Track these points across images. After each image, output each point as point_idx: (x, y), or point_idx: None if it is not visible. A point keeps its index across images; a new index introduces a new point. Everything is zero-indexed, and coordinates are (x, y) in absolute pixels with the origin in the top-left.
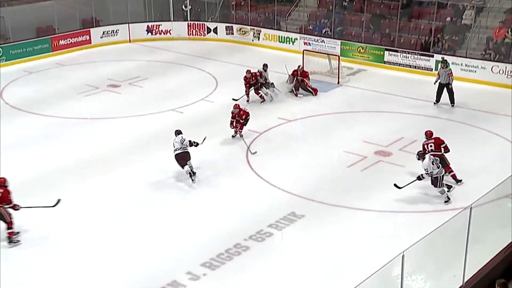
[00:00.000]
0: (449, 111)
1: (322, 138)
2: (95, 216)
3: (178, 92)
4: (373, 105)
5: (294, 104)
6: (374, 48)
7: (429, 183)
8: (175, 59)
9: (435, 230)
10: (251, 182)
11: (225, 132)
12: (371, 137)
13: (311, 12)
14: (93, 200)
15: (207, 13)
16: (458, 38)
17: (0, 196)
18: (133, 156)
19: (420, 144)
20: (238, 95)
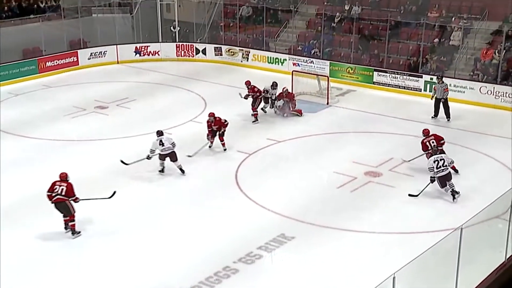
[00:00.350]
0: (437, 130)
1: (311, 159)
2: (81, 239)
3: (166, 113)
4: (363, 125)
5: (284, 124)
6: (363, 69)
7: (421, 207)
8: (164, 80)
9: (426, 251)
10: (240, 203)
11: (212, 153)
12: (360, 157)
13: (300, 33)
14: (81, 223)
15: (195, 34)
16: (446, 59)
17: (65, 190)
18: (121, 178)
19: (410, 164)
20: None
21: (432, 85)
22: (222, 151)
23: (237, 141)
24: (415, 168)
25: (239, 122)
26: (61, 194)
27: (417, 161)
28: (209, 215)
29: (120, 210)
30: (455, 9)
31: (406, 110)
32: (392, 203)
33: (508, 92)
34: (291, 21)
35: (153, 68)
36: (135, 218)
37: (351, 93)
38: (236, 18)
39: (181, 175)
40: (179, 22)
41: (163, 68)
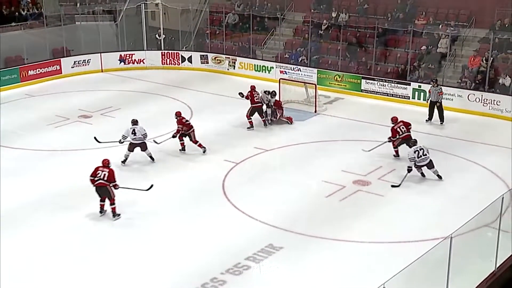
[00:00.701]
0: (426, 138)
1: (300, 168)
2: (67, 250)
3: (152, 122)
4: (351, 133)
5: (271, 133)
6: (351, 77)
7: (410, 216)
8: (149, 89)
9: (416, 260)
10: (227, 214)
11: (199, 162)
12: (349, 166)
13: (287, 40)
14: (66, 234)
15: (181, 42)
16: (434, 67)
17: (107, 175)
18: None
19: (399, 172)
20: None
21: (420, 92)
22: (208, 159)
23: (224, 149)
24: (403, 175)
25: (226, 131)
26: (103, 179)
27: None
28: (196, 225)
29: (104, 222)
30: (442, 16)
31: None
32: (381, 212)
33: (496, 99)
34: (278, 28)
35: (138, 76)
36: (119, 229)
37: (339, 101)
38: (222, 25)
39: (151, 162)
40: (164, 29)
41: (148, 77)
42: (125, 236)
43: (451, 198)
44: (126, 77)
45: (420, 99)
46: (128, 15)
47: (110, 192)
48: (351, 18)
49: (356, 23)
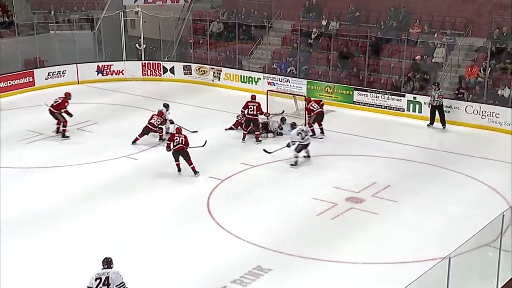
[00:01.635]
0: (422, 153)
1: (289, 185)
2: (45, 270)
3: (132, 137)
4: (343, 148)
5: (259, 148)
6: (342, 88)
7: (406, 235)
8: (129, 102)
9: (412, 283)
10: (212, 234)
11: (182, 180)
12: (341, 182)
13: (275, 50)
14: (39, 256)
15: (163, 52)
16: (429, 77)
17: (184, 140)
18: (82, 208)
19: (394, 188)
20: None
21: (416, 104)
22: (192, 176)
23: (209, 166)
24: (400, 193)
25: (211, 146)
26: (181, 143)
27: (402, 186)
28: (179, 246)
29: (79, 242)
30: (437, 24)
31: (388, 131)
32: (375, 231)
33: (495, 111)
34: (265, 37)
35: (117, 88)
36: (97, 250)
37: (330, 114)
38: (206, 34)
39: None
40: (145, 39)
41: (127, 89)
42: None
43: (449, 216)
44: (104, 89)
45: (415, 111)
46: (106, 23)
47: (188, 153)
48: (342, 26)
49: (348, 31)
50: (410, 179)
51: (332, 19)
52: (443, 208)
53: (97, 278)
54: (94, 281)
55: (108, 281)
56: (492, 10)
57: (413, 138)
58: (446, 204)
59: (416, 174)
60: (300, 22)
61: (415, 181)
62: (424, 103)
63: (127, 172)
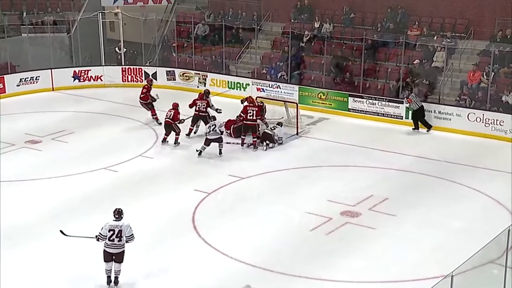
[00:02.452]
0: (422, 163)
1: (280, 198)
2: None
3: (111, 147)
4: (338, 158)
5: (248, 159)
6: (336, 94)
7: (405, 251)
8: (108, 110)
9: None
10: (198, 251)
11: (165, 192)
12: (336, 195)
13: (264, 54)
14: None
15: (144, 56)
16: (429, 83)
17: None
18: (58, 224)
19: (392, 202)
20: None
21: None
22: (175, 189)
23: (194, 178)
24: (398, 206)
25: (196, 156)
26: (169, 118)
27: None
28: (162, 264)
29: (53, 260)
30: (437, 26)
31: (386, 140)
32: (373, 247)
33: (499, 119)
34: (254, 40)
35: (95, 95)
36: (76, 267)
37: (323, 122)
38: (191, 37)
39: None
40: (125, 42)
41: (106, 96)
42: (80, 278)
43: (451, 231)
44: (81, 96)
45: (408, 104)
46: (83, 26)
47: (175, 128)
48: (336, 28)
49: (342, 34)
50: (409, 192)
51: (325, 21)
52: (444, 222)
53: (111, 230)
54: (107, 232)
55: (120, 234)
56: (495, 11)
57: (412, 148)
58: (447, 218)
59: (415, 186)
60: (291, 24)
61: (415, 193)
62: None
63: (107, 185)
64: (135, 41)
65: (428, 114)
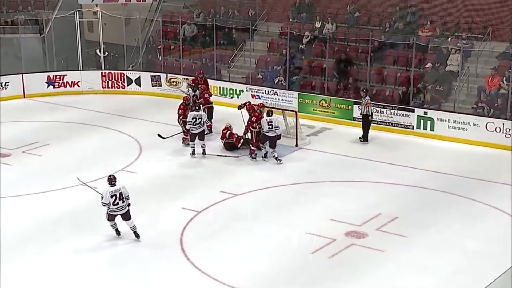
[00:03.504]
0: (435, 178)
1: (277, 217)
2: None
3: (90, 161)
4: (342, 173)
5: (241, 173)
6: (340, 102)
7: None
8: (86, 119)
9: None
10: (187, 276)
11: (150, 211)
12: (340, 214)
13: (260, 57)
14: None
15: (126, 59)
16: (443, 89)
17: None
18: (30, 248)
19: (402, 221)
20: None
21: (427, 120)
22: (161, 207)
23: (182, 194)
24: (409, 226)
25: (184, 171)
26: None
27: (411, 218)
28: None
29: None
30: (451, 27)
31: (395, 153)
32: (381, 271)
33: None
34: (248, 42)
35: (72, 103)
36: None
37: (325, 132)
38: (178, 38)
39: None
40: (105, 44)
41: (84, 103)
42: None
43: (467, 254)
44: (55, 104)
45: (427, 129)
46: (58, 25)
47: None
48: (339, 29)
49: (346, 35)
50: (422, 210)
51: (327, 20)
52: (461, 244)
53: (112, 195)
54: (110, 198)
55: (122, 195)
56: None
57: (424, 161)
58: (464, 239)
59: (428, 203)
60: (289, 24)
61: (427, 212)
62: (437, 119)
63: (85, 204)
64: (116, 43)
65: (442, 124)
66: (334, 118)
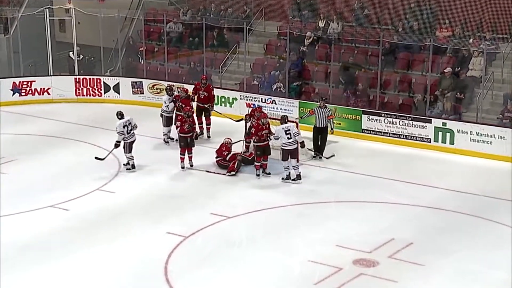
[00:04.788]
0: (456, 198)
1: (276, 243)
2: None
3: (62, 179)
4: (349, 192)
5: (235, 191)
6: (347, 111)
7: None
8: (57, 131)
9: None
10: None
11: (133, 237)
12: (347, 239)
13: (256, 60)
14: None
15: (104, 63)
16: (464, 96)
17: None
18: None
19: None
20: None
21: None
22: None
23: (167, 217)
24: (426, 253)
25: (169, 190)
26: None
27: (429, 244)
28: None
29: None
30: (473, 26)
31: (410, 170)
32: None
33: None
34: (242, 44)
35: (41, 113)
36: None
37: (330, 146)
38: (163, 40)
39: None
40: (79, 46)
41: (56, 114)
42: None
43: (492, 284)
44: (22, 114)
45: (446, 142)
46: (25, 24)
47: None
48: (345, 28)
49: (353, 35)
50: (440, 234)
51: (332, 19)
52: (484, 273)
53: (125, 125)
54: (123, 128)
55: (131, 123)
56: None
57: (443, 178)
58: (488, 268)
59: (448, 227)
60: (289, 23)
61: (447, 236)
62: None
63: (56, 227)
64: (92, 45)
65: (463, 136)
66: (340, 129)
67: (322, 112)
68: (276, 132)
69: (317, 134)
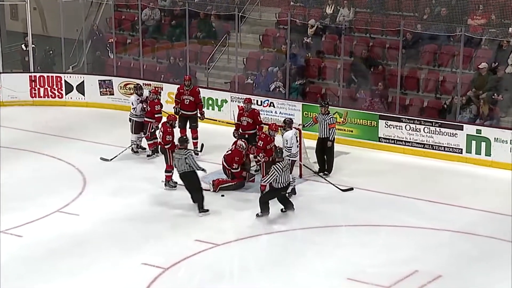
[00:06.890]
0: (493, 221)
1: (274, 275)
2: None
3: (14, 198)
4: (363, 213)
5: (225, 214)
6: (360, 115)
7: None
8: (8, 141)
9: None
10: None
11: (101, 269)
12: (361, 271)
13: (250, 54)
14: None
15: (65, 58)
16: (502, 98)
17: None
18: None
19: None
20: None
21: (480, 142)
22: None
23: (144, 245)
24: (455, 287)
25: (145, 211)
26: None
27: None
28: None
29: None
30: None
31: (437, 187)
32: None
33: None
34: (233, 34)
35: None
36: None
37: (341, 157)
38: (137, 29)
39: None
40: (35, 36)
41: (6, 119)
42: None
43: None
44: None
45: (480, 154)
46: None
47: None
48: (358, 15)
49: (368, 24)
50: (474, 265)
51: (343, 4)
52: None
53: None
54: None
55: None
56: None
57: (477, 197)
58: None
59: (482, 256)
60: (290, 10)
61: (482, 267)
62: (495, 140)
63: (7, 257)
64: (51, 35)
65: (501, 146)
66: (352, 138)
67: (324, 120)
68: (288, 141)
69: (321, 146)
